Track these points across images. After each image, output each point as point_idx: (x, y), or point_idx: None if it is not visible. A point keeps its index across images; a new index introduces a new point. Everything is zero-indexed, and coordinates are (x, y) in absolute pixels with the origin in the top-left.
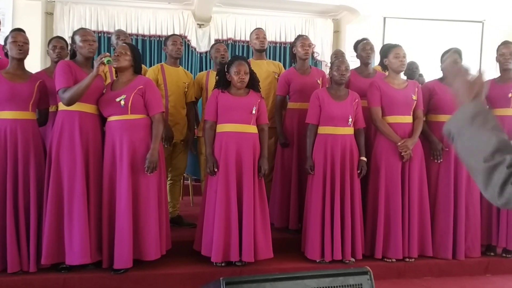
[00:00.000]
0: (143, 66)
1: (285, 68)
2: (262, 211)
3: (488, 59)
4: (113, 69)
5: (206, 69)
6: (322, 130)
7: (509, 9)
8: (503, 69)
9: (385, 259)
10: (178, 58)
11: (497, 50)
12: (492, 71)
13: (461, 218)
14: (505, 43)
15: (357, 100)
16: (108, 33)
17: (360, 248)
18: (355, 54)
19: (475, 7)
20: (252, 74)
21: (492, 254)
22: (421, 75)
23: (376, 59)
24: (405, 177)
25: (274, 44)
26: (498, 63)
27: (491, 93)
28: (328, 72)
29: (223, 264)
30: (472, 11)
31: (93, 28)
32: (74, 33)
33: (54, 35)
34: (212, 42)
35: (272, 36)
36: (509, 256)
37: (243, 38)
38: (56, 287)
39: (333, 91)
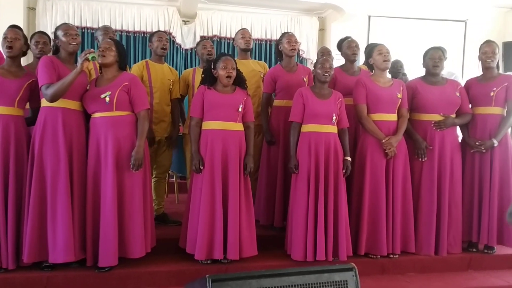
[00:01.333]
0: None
1: (270, 67)
2: (247, 208)
3: (471, 57)
4: (97, 66)
5: (191, 66)
6: (306, 128)
7: (491, 9)
8: (485, 68)
9: (370, 256)
10: (164, 55)
11: (480, 49)
12: (474, 70)
13: (444, 216)
14: (487, 42)
15: (340, 100)
16: (91, 29)
17: (345, 248)
18: (339, 52)
19: (458, 7)
20: (238, 71)
21: (474, 250)
22: (404, 74)
23: (361, 58)
24: (389, 174)
25: (259, 42)
26: (480, 62)
27: (473, 91)
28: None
29: (208, 262)
30: (455, 10)
31: (77, 23)
32: (57, 28)
33: (36, 30)
34: (198, 39)
35: (257, 33)
36: (491, 252)
37: (228, 35)
38: (39, 286)
39: (317, 90)
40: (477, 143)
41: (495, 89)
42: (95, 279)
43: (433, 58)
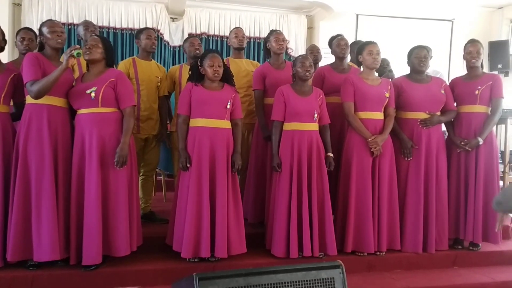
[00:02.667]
0: None
1: None
2: (236, 206)
3: (457, 56)
4: (82, 62)
5: (179, 64)
6: (288, 126)
7: (477, 8)
8: (470, 67)
9: (357, 253)
10: (152, 52)
11: (464, 48)
12: (461, 69)
13: (431, 213)
14: (471, 42)
15: (321, 96)
16: (78, 25)
17: (331, 244)
18: (329, 50)
19: (445, 6)
20: (226, 67)
21: (459, 247)
22: (390, 71)
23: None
24: (375, 172)
25: (248, 39)
26: (465, 61)
27: (458, 90)
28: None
29: (196, 260)
30: (442, 10)
31: (63, 20)
32: (42, 24)
33: (22, 26)
34: (186, 36)
35: (246, 31)
36: (476, 249)
37: (217, 33)
38: (25, 285)
39: (298, 87)
40: (462, 142)
41: (480, 87)
42: (81, 277)
43: (419, 57)
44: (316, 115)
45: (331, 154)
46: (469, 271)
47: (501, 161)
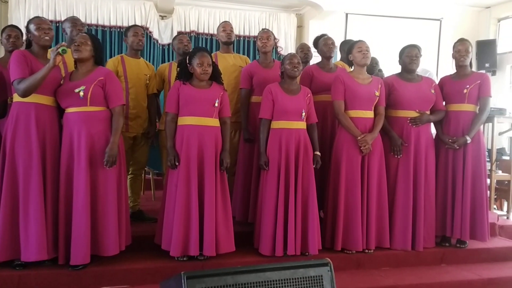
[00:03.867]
0: None
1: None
2: (224, 204)
3: (446, 55)
4: (67, 61)
5: (168, 62)
6: (276, 124)
7: (465, 8)
8: (458, 66)
9: (345, 251)
10: (139, 50)
11: (453, 47)
12: (449, 68)
13: (420, 211)
14: (460, 41)
15: (309, 95)
16: (64, 21)
17: (316, 243)
18: (316, 49)
19: (433, 6)
20: (214, 66)
21: (447, 244)
22: (380, 70)
23: (337, 55)
24: (365, 171)
25: (237, 38)
26: (454, 60)
27: (447, 89)
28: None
29: (184, 259)
30: (431, 9)
31: (51, 17)
32: (29, 22)
33: (9, 24)
34: (175, 34)
35: (235, 29)
36: (463, 246)
37: (206, 31)
38: (11, 285)
39: (286, 85)
40: (450, 140)
41: (468, 86)
42: (68, 277)
43: (410, 56)
44: (304, 113)
45: (318, 153)
46: (457, 268)
47: (488, 160)
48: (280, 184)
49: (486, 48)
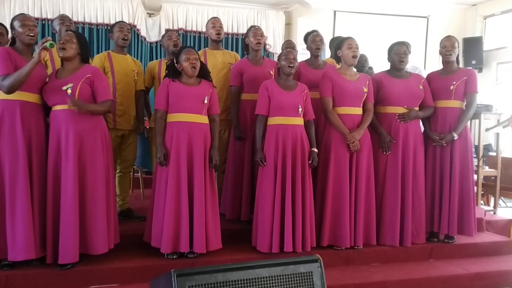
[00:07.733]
0: None
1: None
2: (212, 202)
3: (433, 52)
4: (55, 58)
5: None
6: (273, 120)
7: (452, 5)
8: (445, 62)
9: (334, 247)
10: (125, 46)
11: (440, 44)
12: (436, 64)
13: (408, 207)
14: (447, 37)
15: (306, 91)
16: (52, 20)
17: (309, 240)
18: (305, 46)
19: (420, 4)
20: (202, 64)
21: (435, 240)
22: (370, 68)
23: (326, 52)
24: (353, 167)
25: (226, 35)
26: (440, 56)
27: (434, 85)
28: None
29: (174, 257)
30: (418, 7)
31: (37, 15)
32: (13, 18)
33: None
34: (163, 32)
35: (224, 27)
36: (451, 241)
37: (194, 28)
38: None
39: (282, 82)
40: (437, 137)
41: (455, 82)
42: (57, 277)
43: (399, 53)
44: (300, 109)
45: (315, 149)
46: (445, 263)
47: (475, 155)
48: (277, 181)
49: (473, 45)
